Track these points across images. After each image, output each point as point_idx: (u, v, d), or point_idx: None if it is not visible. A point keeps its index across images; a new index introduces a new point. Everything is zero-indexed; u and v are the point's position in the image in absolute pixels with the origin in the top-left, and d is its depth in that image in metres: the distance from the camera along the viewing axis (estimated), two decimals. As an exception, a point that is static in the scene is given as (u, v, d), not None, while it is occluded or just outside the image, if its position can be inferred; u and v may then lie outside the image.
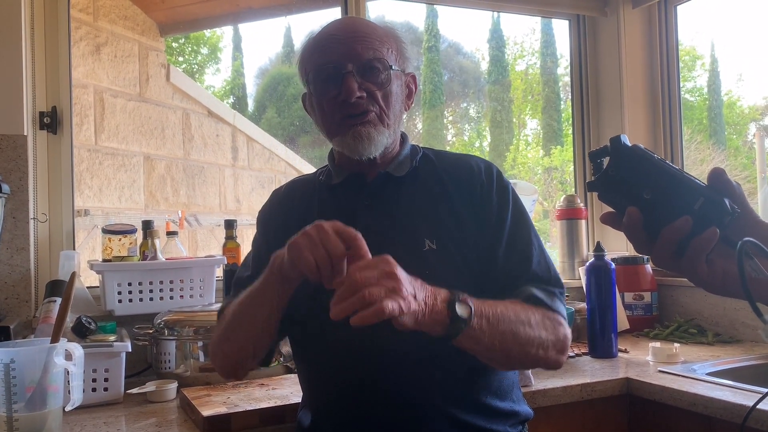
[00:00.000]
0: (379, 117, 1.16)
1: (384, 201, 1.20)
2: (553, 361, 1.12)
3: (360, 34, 1.17)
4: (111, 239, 1.84)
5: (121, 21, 3.45)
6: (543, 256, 1.19)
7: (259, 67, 10.11)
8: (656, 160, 0.72)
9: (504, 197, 1.21)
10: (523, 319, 1.06)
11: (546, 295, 1.13)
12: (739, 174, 8.57)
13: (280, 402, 1.37)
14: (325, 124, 1.21)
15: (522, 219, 1.21)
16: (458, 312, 0.97)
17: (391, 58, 1.18)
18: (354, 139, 1.15)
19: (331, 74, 1.16)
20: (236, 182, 4.34)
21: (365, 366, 1.12)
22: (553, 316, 1.12)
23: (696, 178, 0.72)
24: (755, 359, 1.79)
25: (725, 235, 0.69)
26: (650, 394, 1.55)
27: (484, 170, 1.23)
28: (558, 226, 2.52)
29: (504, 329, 1.03)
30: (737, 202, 0.71)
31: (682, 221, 0.69)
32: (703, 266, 0.71)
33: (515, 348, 1.05)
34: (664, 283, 2.32)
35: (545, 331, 1.09)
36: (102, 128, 3.34)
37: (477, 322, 0.99)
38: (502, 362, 1.10)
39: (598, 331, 1.87)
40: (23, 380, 1.13)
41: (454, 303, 0.97)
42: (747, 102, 9.66)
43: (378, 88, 1.16)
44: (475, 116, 11.33)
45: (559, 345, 1.12)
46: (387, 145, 1.20)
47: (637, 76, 2.58)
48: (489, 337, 1.01)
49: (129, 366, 1.61)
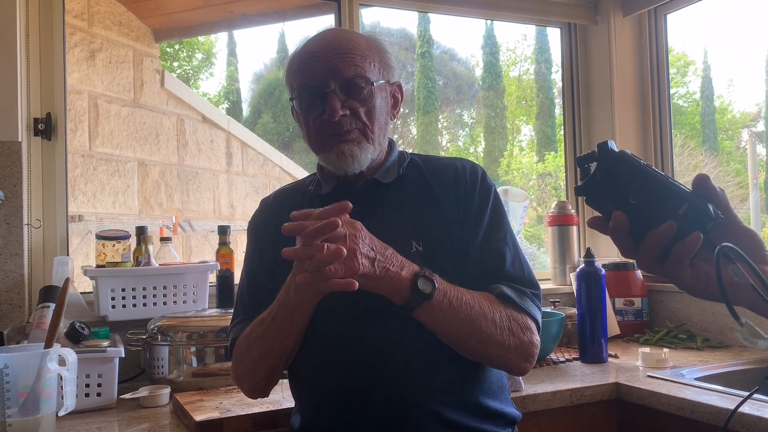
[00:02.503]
0: (363, 133, 1.19)
1: (371, 206, 1.22)
2: (514, 365, 1.13)
3: (342, 51, 1.18)
4: (105, 245, 1.85)
5: (115, 27, 3.46)
6: (518, 257, 1.21)
7: (254, 72, 10.10)
8: (642, 166, 0.74)
9: (485, 198, 1.23)
10: (486, 314, 1.08)
11: (516, 293, 1.14)
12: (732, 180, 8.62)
13: (273, 407, 1.38)
14: (310, 140, 1.23)
15: (499, 220, 1.23)
16: (419, 286, 1.02)
17: (374, 72, 1.20)
18: (338, 156, 1.18)
19: (315, 93, 1.18)
20: (230, 188, 4.35)
21: (354, 366, 1.14)
22: (521, 319, 1.12)
23: (681, 183, 0.73)
24: (743, 364, 1.81)
25: (708, 240, 0.71)
26: (639, 398, 1.57)
27: (469, 171, 1.25)
28: (549, 232, 2.54)
29: (464, 317, 1.06)
30: (721, 207, 0.73)
31: (666, 226, 0.71)
32: (686, 270, 0.73)
33: (473, 339, 1.08)
34: (655, 289, 2.34)
35: (507, 333, 1.10)
36: (96, 134, 3.34)
37: (438, 300, 1.03)
38: (459, 348, 1.11)
39: (588, 336, 1.89)
40: (16, 385, 1.13)
41: (418, 277, 1.02)
42: (739, 107, 9.70)
43: (361, 105, 1.18)
44: (469, 122, 11.36)
45: (522, 350, 1.12)
46: (373, 159, 1.22)
47: (627, 83, 2.61)
48: (447, 320, 1.05)
49: (122, 371, 1.62)
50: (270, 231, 1.26)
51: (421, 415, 1.12)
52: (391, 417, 1.12)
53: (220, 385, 1.61)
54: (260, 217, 1.34)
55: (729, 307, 0.69)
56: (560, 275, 2.48)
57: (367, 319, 1.14)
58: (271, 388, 1.26)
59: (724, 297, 0.68)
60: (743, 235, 0.75)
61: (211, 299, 1.91)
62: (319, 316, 1.16)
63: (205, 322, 1.66)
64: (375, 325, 1.13)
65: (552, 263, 2.52)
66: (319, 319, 1.17)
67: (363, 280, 0.99)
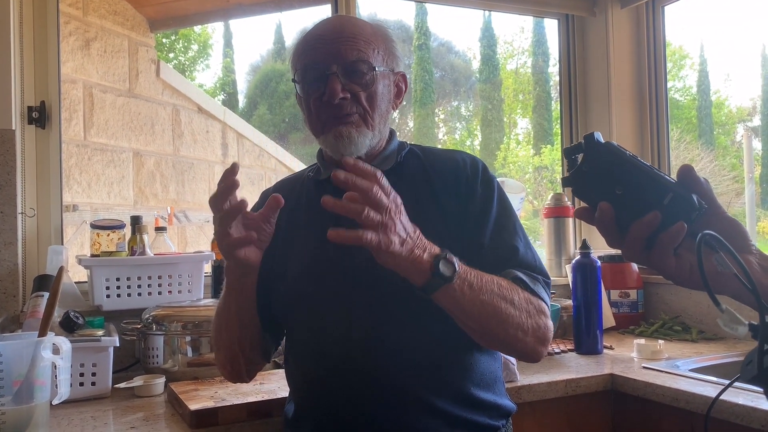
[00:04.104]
0: (363, 118, 1.18)
1: None
2: (531, 348, 1.12)
3: (346, 35, 1.18)
4: (99, 234, 1.84)
5: (110, 16, 3.44)
6: (529, 248, 1.21)
7: (250, 63, 10.07)
8: (628, 157, 0.74)
9: (489, 190, 1.22)
10: (506, 296, 1.07)
11: (529, 278, 1.14)
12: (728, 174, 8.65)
13: (268, 396, 1.38)
14: (311, 123, 1.23)
15: (507, 212, 1.23)
16: (440, 269, 0.99)
17: (378, 58, 1.20)
18: (335, 138, 1.17)
19: (317, 75, 1.18)
20: (226, 179, 4.33)
21: (347, 354, 1.14)
22: (536, 302, 1.12)
23: (666, 174, 0.74)
24: (737, 356, 1.82)
25: (693, 229, 0.71)
26: (634, 389, 1.57)
27: (470, 164, 1.24)
28: (546, 224, 2.54)
29: (485, 299, 1.04)
30: (705, 197, 0.74)
31: (651, 216, 0.71)
32: (671, 260, 0.73)
33: (493, 321, 1.06)
34: (650, 281, 2.35)
35: (526, 314, 1.09)
36: (91, 123, 3.33)
37: (458, 283, 1.01)
38: (479, 333, 1.09)
39: (583, 327, 1.89)
40: (10, 374, 1.13)
41: (439, 259, 1.00)
42: (735, 102, 9.72)
43: (362, 89, 1.18)
44: (466, 115, 11.36)
45: (540, 333, 1.11)
46: (372, 146, 1.22)
47: (624, 75, 2.60)
48: (468, 302, 1.03)
49: (117, 361, 1.62)
50: None
51: (414, 405, 1.12)
52: (384, 407, 1.12)
53: (215, 374, 1.60)
54: (259, 208, 1.34)
55: (710, 293, 0.70)
56: (556, 267, 2.48)
57: (361, 310, 1.13)
58: (250, 374, 1.28)
59: (704, 282, 0.69)
60: (727, 224, 0.76)
61: (206, 289, 1.91)
62: (313, 306, 1.16)
63: (200, 311, 1.66)
64: (369, 315, 1.13)
65: (548, 255, 2.52)
66: (313, 308, 1.17)
67: (386, 257, 0.97)
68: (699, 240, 0.69)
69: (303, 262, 1.21)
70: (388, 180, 1.23)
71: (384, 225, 0.94)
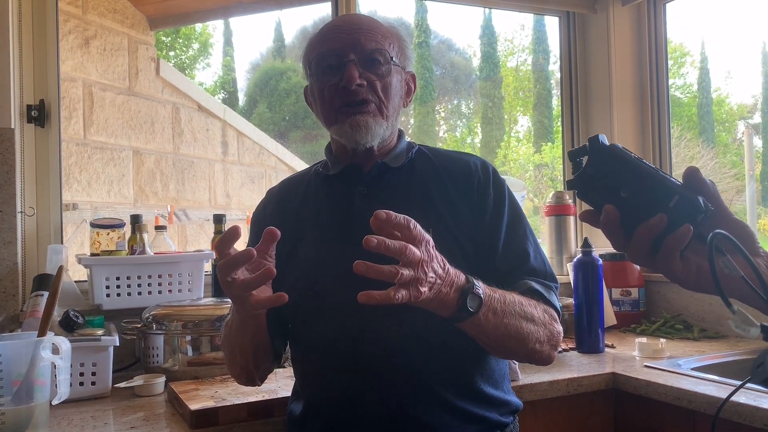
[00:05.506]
0: (378, 108, 1.18)
1: (380, 188, 1.21)
2: (545, 355, 1.14)
3: (364, 27, 1.20)
4: (99, 233, 1.83)
5: (110, 14, 3.43)
6: (539, 252, 1.21)
7: (250, 61, 10.07)
8: (633, 159, 0.73)
9: (500, 194, 1.23)
10: (527, 314, 1.08)
11: (544, 288, 1.16)
12: (728, 171, 8.64)
13: (268, 396, 1.37)
14: (324, 112, 1.22)
15: (519, 216, 1.23)
16: (468, 304, 0.98)
17: (393, 52, 1.21)
18: (351, 127, 1.16)
19: (333, 63, 1.18)
20: (226, 177, 4.33)
21: (359, 347, 1.13)
22: (550, 311, 1.15)
23: (672, 176, 0.73)
24: (739, 354, 1.81)
25: (699, 232, 0.71)
26: (636, 388, 1.57)
27: (481, 167, 1.25)
28: (547, 222, 2.53)
29: (507, 322, 1.05)
30: (711, 200, 0.73)
31: (656, 219, 0.71)
32: (677, 263, 0.73)
33: (514, 341, 1.07)
34: (652, 280, 2.34)
35: (543, 327, 1.11)
36: (91, 122, 3.32)
37: (483, 312, 1.01)
38: (497, 350, 1.11)
39: (585, 326, 1.89)
40: (10, 374, 1.12)
41: (467, 295, 0.98)
42: (735, 99, 9.71)
43: (378, 79, 1.18)
44: (466, 112, 11.35)
45: (552, 340, 1.14)
46: (384, 137, 1.22)
47: (626, 73, 2.60)
48: (492, 328, 1.03)
49: (117, 360, 1.61)
50: (273, 221, 1.25)
51: (426, 399, 1.12)
52: (396, 400, 1.12)
53: (215, 374, 1.60)
54: (264, 209, 1.35)
55: (721, 294, 0.69)
56: (557, 265, 2.48)
57: (372, 309, 1.13)
58: (260, 378, 1.27)
59: (715, 283, 0.68)
60: (734, 226, 0.75)
61: (206, 288, 1.90)
62: (324, 299, 1.16)
63: (201, 311, 1.65)
64: (381, 309, 1.12)
65: (549, 253, 2.51)
66: (324, 302, 1.16)
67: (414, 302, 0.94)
68: (711, 238, 0.68)
69: (313, 257, 1.20)
70: (400, 177, 1.23)
71: (416, 279, 0.91)
